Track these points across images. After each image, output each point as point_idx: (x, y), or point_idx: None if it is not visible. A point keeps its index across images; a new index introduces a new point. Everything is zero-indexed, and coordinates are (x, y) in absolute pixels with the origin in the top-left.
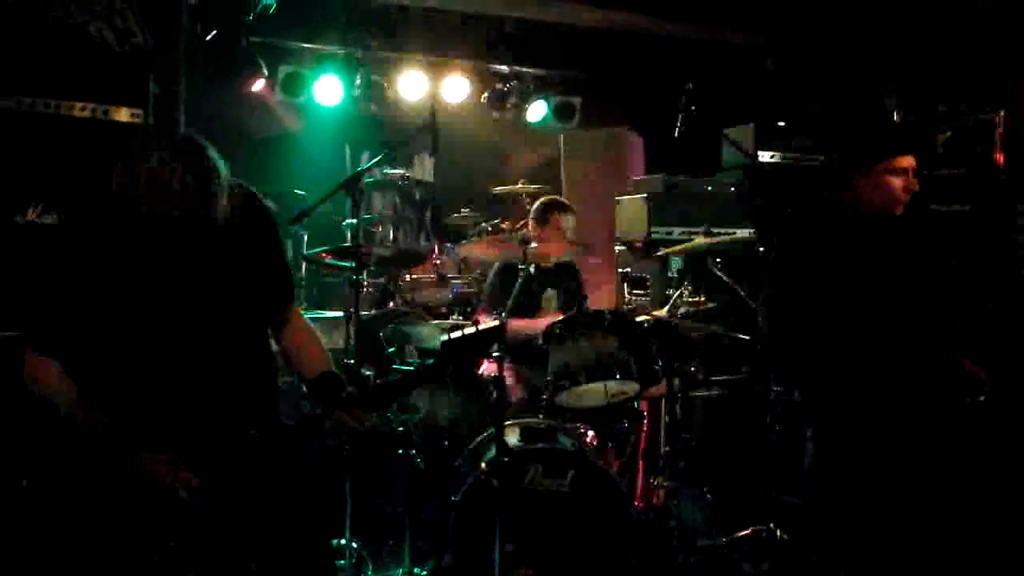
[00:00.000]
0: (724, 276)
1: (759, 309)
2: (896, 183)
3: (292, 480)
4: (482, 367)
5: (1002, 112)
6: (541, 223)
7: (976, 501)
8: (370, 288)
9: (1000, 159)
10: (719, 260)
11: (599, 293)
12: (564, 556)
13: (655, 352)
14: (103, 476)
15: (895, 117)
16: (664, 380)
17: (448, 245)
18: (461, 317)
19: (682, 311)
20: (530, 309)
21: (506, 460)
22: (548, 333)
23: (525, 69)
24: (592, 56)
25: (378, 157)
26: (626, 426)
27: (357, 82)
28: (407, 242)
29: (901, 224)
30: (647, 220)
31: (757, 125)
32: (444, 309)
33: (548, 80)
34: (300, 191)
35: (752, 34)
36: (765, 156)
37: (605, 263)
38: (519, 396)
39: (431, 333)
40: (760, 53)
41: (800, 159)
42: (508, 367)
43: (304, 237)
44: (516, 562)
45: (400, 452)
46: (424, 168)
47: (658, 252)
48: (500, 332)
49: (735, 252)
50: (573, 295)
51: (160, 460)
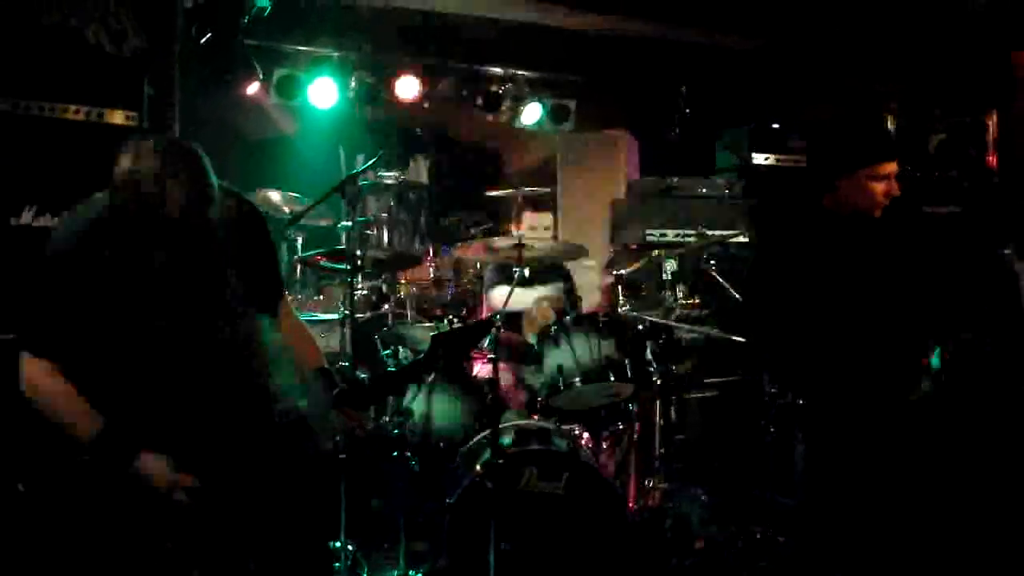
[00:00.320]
0: (718, 278)
1: (739, 310)
2: (878, 188)
3: (289, 480)
4: (476, 368)
5: (995, 115)
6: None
7: (969, 500)
8: (365, 290)
9: (993, 161)
10: (713, 262)
11: (593, 295)
12: (559, 558)
13: (649, 354)
14: (99, 478)
15: (890, 120)
16: (658, 382)
17: (443, 247)
18: (456, 319)
19: (676, 313)
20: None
21: (501, 462)
22: (543, 335)
23: (520, 71)
24: (587, 58)
25: (373, 160)
26: (621, 428)
27: (352, 85)
28: (402, 245)
29: (881, 225)
30: (642, 222)
31: (752, 127)
32: (439, 311)
33: (543, 82)
34: (295, 194)
35: (747, 37)
36: (759, 158)
37: (600, 265)
38: (518, 398)
39: (426, 335)
40: (755, 57)
41: (795, 161)
42: (506, 369)
43: (299, 240)
44: (512, 565)
45: (395, 454)
46: (419, 171)
47: (652, 254)
48: (491, 327)
49: (729, 254)
50: (567, 297)
51: (156, 462)
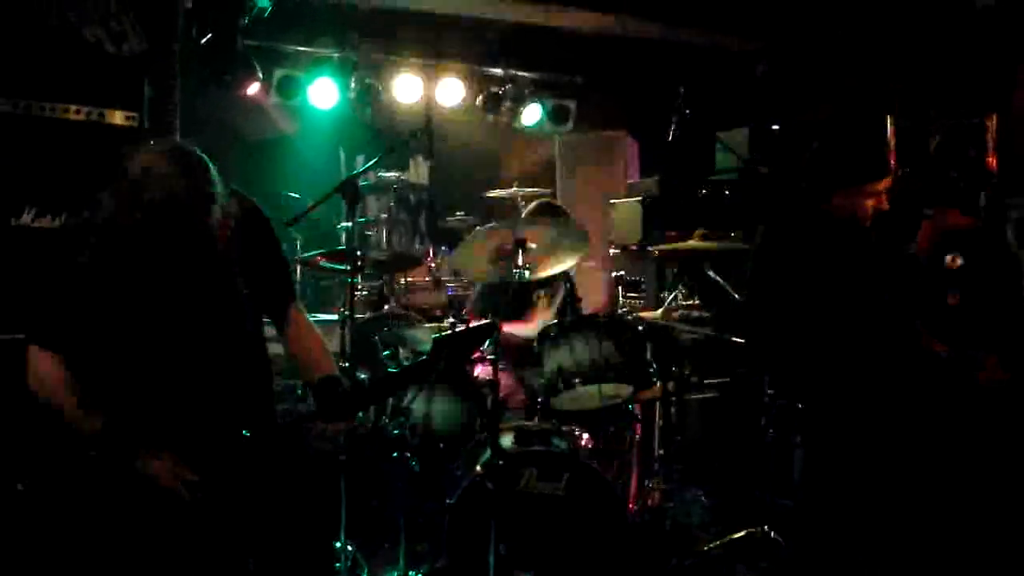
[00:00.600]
0: (718, 279)
1: (739, 312)
2: (871, 203)
3: (289, 480)
4: (477, 370)
5: (994, 116)
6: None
7: (968, 501)
8: (365, 291)
9: (993, 163)
10: (713, 263)
11: (593, 296)
12: (559, 559)
13: (649, 355)
14: (101, 474)
15: (889, 122)
16: (658, 383)
17: (443, 248)
18: (456, 320)
19: (676, 314)
20: (522, 312)
21: (501, 463)
22: (542, 336)
23: (520, 72)
24: (587, 60)
25: (373, 160)
26: (621, 429)
27: (352, 85)
28: (402, 245)
29: (878, 229)
30: (641, 223)
31: (751, 129)
32: (439, 312)
33: (543, 83)
34: (295, 194)
35: (747, 39)
36: (759, 159)
37: (599, 266)
38: (519, 399)
39: (426, 336)
40: (754, 58)
41: (793, 164)
42: (506, 370)
43: (299, 240)
44: (511, 565)
45: (395, 455)
46: (419, 171)
47: (652, 255)
48: (492, 330)
49: (729, 255)
50: (566, 298)
51: (159, 459)
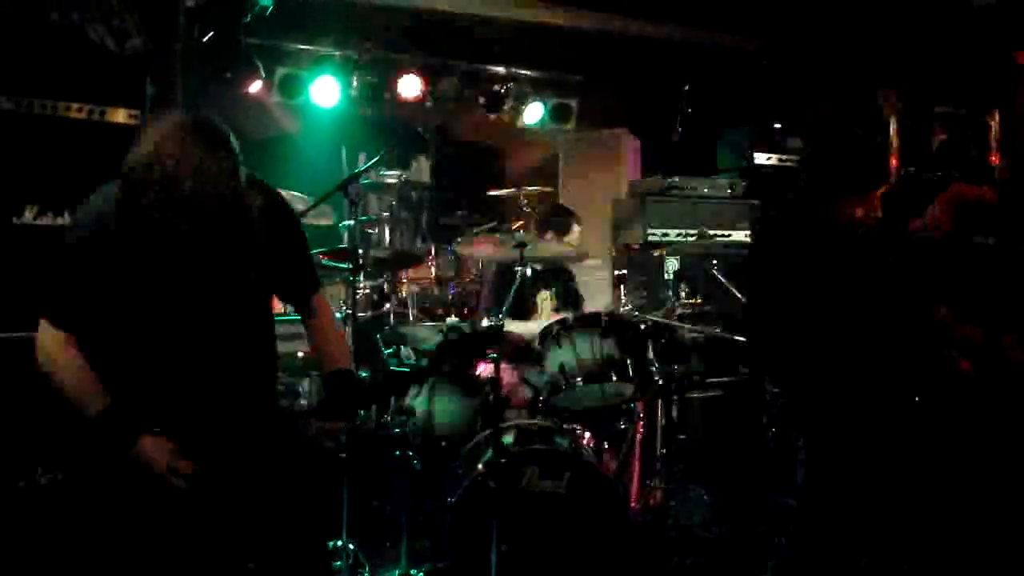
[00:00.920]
0: (720, 277)
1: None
2: (860, 211)
3: (289, 480)
4: (478, 368)
5: (997, 114)
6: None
7: (971, 500)
8: (367, 290)
9: (995, 161)
10: (715, 262)
11: (595, 295)
12: (561, 558)
13: (651, 353)
14: (98, 464)
15: (891, 120)
16: (660, 382)
17: (445, 247)
18: (458, 318)
19: (678, 312)
20: (525, 311)
21: (503, 462)
22: (545, 334)
23: (522, 71)
24: (589, 58)
25: (375, 159)
26: (623, 427)
27: (354, 83)
28: (404, 244)
29: (880, 232)
30: (644, 222)
31: (753, 127)
32: (441, 310)
33: (545, 82)
34: (297, 192)
35: (748, 37)
36: (761, 158)
37: (602, 265)
38: (520, 397)
39: (428, 335)
40: (756, 56)
41: (796, 161)
42: (508, 369)
43: None
44: (513, 564)
45: (397, 453)
46: (421, 170)
47: (655, 254)
48: (497, 334)
49: (731, 254)
50: (568, 297)
51: (158, 446)
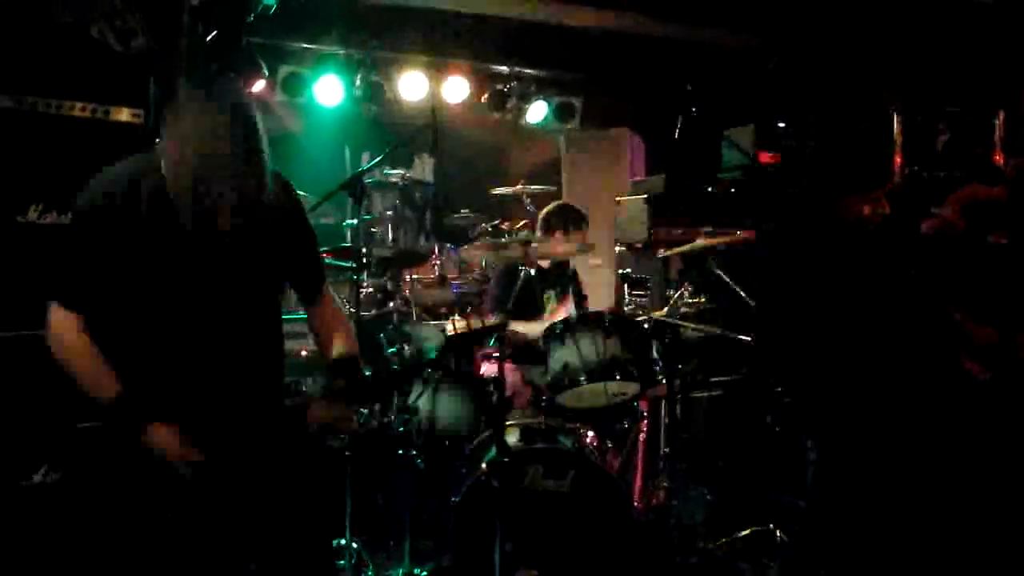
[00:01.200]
0: (724, 277)
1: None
2: (866, 209)
3: (294, 478)
4: (483, 367)
5: (1002, 113)
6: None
7: (979, 501)
8: (370, 288)
9: (1000, 160)
10: (719, 260)
11: (599, 294)
12: (564, 557)
13: (655, 352)
14: (106, 454)
15: (896, 120)
16: (664, 381)
17: (448, 246)
18: (461, 318)
19: (682, 312)
20: (531, 311)
21: (506, 461)
22: (548, 333)
23: (526, 70)
24: (593, 57)
25: (378, 158)
26: (626, 426)
27: (357, 83)
28: (407, 243)
29: (888, 230)
30: (647, 221)
31: (757, 126)
32: (444, 310)
33: (549, 81)
34: (300, 192)
35: (752, 36)
36: (765, 157)
37: (605, 264)
38: (524, 396)
39: (431, 334)
40: (760, 55)
41: (800, 159)
42: (512, 368)
43: None
44: (517, 563)
45: (401, 452)
46: (424, 169)
47: (659, 253)
48: (499, 329)
49: (735, 253)
50: (573, 296)
51: (168, 434)
